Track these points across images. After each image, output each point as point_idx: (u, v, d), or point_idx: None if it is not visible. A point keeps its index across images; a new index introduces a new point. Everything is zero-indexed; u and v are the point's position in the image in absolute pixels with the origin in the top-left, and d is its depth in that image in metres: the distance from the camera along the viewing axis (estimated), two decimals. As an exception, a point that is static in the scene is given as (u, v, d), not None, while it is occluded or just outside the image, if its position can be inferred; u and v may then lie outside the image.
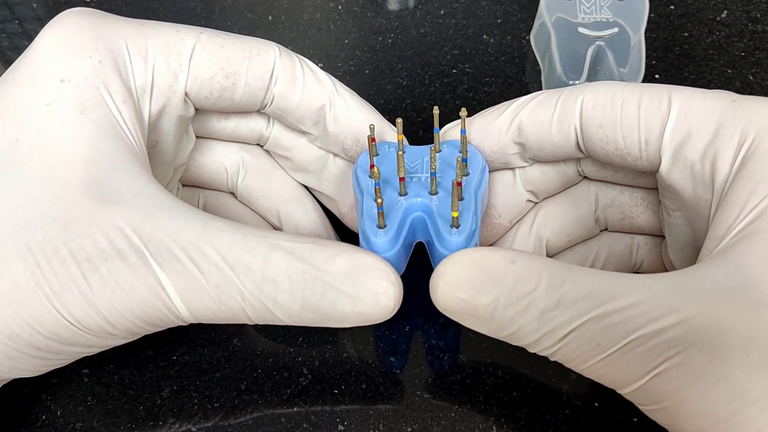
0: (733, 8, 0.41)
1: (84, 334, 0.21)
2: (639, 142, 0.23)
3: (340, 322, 0.22)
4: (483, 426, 0.27)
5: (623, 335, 0.19)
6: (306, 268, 0.21)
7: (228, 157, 0.30)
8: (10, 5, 0.43)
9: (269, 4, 0.42)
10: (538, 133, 0.25)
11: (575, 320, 0.20)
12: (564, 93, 0.25)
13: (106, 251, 0.21)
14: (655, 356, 0.19)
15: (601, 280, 0.20)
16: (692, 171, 0.23)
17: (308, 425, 0.27)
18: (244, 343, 0.29)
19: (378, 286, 0.21)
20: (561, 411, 0.27)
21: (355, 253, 0.22)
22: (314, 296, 0.21)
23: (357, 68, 0.39)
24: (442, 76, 0.38)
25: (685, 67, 0.38)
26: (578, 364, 0.20)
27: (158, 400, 0.28)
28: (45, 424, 0.27)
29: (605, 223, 0.28)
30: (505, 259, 0.21)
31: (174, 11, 0.41)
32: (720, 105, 0.22)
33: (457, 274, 0.21)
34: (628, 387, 0.20)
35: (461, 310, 0.21)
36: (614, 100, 0.24)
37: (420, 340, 0.29)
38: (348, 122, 0.26)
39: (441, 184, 0.24)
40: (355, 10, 0.42)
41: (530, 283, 0.20)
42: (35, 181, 0.21)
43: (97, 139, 0.22)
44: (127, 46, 0.24)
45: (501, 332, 0.21)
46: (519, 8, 0.41)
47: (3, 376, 0.23)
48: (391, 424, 0.27)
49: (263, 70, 0.25)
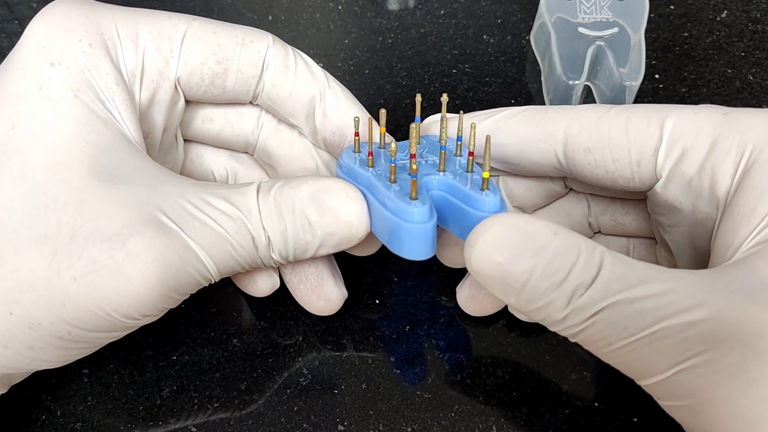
0: (733, 8, 0.41)
1: (109, 318, 0.21)
2: (630, 164, 0.23)
3: (321, 248, 0.24)
4: (483, 426, 0.27)
5: (653, 322, 0.19)
6: (278, 200, 0.23)
7: (217, 166, 0.30)
8: (10, 5, 0.43)
9: (269, 4, 0.42)
10: (518, 150, 0.25)
11: (606, 299, 0.19)
12: (547, 114, 0.25)
13: (127, 227, 0.21)
14: (684, 349, 0.19)
15: (635, 266, 0.20)
16: (689, 186, 0.23)
17: (308, 425, 0.27)
18: (244, 343, 0.29)
19: (338, 203, 0.23)
20: (561, 411, 0.27)
21: (318, 179, 0.23)
22: (292, 225, 0.23)
23: (357, 68, 0.39)
24: (442, 76, 0.38)
25: (685, 67, 0.38)
26: (602, 346, 0.20)
27: (158, 400, 0.28)
28: (45, 424, 0.27)
29: (598, 227, 0.29)
30: (547, 229, 0.20)
31: (173, 10, 0.41)
32: (713, 119, 0.23)
33: (497, 235, 0.20)
34: (651, 378, 0.20)
35: (494, 274, 0.20)
36: (600, 123, 0.24)
37: (420, 340, 0.29)
38: (337, 117, 0.26)
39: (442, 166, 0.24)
40: (355, 10, 0.42)
41: (569, 258, 0.20)
42: (38, 166, 0.22)
43: (93, 121, 0.23)
44: (118, 31, 0.24)
45: (529, 305, 0.20)
46: (519, 8, 0.41)
47: (25, 368, 0.23)
48: (391, 424, 0.27)
49: (255, 57, 0.25)
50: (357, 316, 0.30)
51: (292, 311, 0.30)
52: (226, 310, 0.30)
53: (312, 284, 0.27)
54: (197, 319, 0.30)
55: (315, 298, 0.28)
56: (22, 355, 0.22)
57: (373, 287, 0.31)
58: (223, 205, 0.22)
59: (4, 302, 0.21)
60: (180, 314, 0.30)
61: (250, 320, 0.30)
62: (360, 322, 0.30)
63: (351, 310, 0.30)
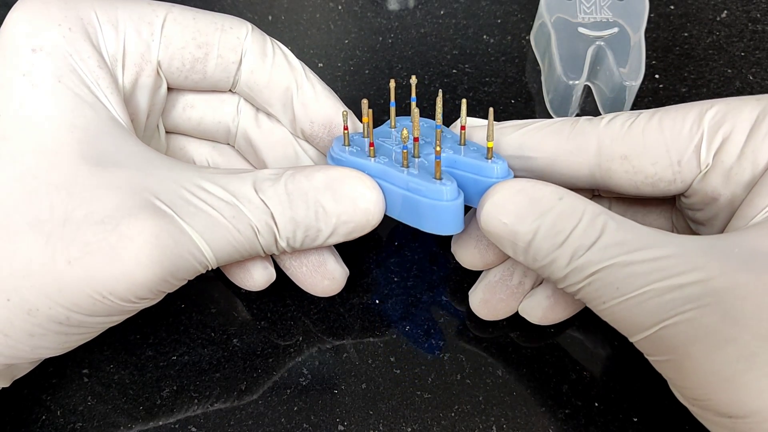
0: (733, 8, 0.41)
1: (105, 302, 0.22)
2: (671, 164, 0.23)
3: (331, 236, 0.24)
4: (483, 426, 0.27)
5: (643, 284, 0.20)
6: (290, 188, 0.23)
7: (199, 158, 0.30)
8: (10, 5, 0.43)
9: (269, 4, 0.42)
10: (548, 164, 0.25)
11: (602, 262, 0.21)
12: (577, 126, 0.25)
13: (121, 210, 0.21)
14: (668, 309, 0.20)
15: (638, 232, 0.21)
16: (729, 175, 0.23)
17: (308, 425, 0.27)
18: (244, 343, 0.29)
19: (355, 191, 0.24)
20: (561, 411, 0.27)
21: (331, 168, 0.24)
22: (304, 212, 0.23)
23: (357, 68, 0.39)
24: (442, 76, 0.38)
25: (685, 67, 0.38)
26: (597, 304, 0.22)
27: (158, 400, 0.28)
28: (45, 424, 0.27)
29: None
30: (553, 194, 0.22)
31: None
32: (747, 105, 0.23)
33: (503, 198, 0.22)
34: (638, 335, 0.21)
35: (501, 233, 0.23)
36: (633, 129, 0.24)
37: (420, 340, 0.29)
38: (317, 107, 0.27)
39: (426, 147, 0.26)
40: (355, 10, 0.42)
41: (571, 221, 0.21)
42: (26, 152, 0.22)
43: (79, 105, 0.23)
44: (97, 15, 0.24)
45: (534, 263, 0.22)
46: (519, 8, 0.41)
47: (27, 357, 0.23)
48: (391, 424, 0.27)
49: (235, 43, 0.26)
50: (357, 316, 0.30)
51: (292, 311, 0.30)
52: (226, 310, 0.30)
53: (314, 265, 0.28)
54: (197, 319, 0.30)
55: (319, 279, 0.28)
56: (22, 343, 0.22)
57: (373, 287, 0.31)
58: (219, 190, 0.23)
59: (0, 289, 0.21)
60: (180, 314, 0.30)
61: (250, 320, 0.30)
62: (360, 322, 0.30)
63: (351, 309, 0.30)
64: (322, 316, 0.30)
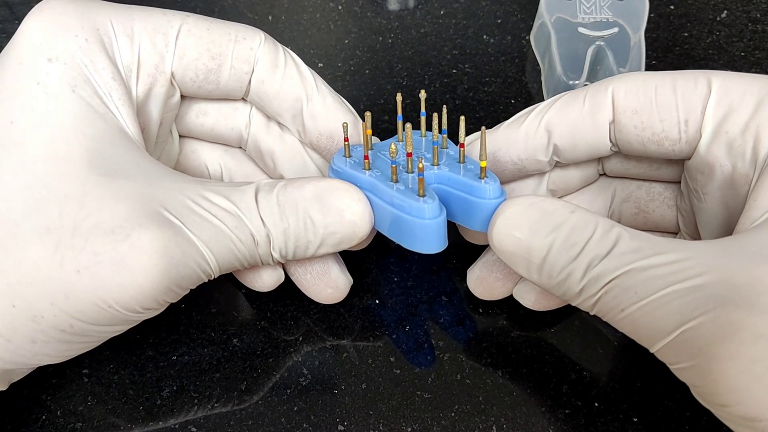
0: (733, 8, 0.41)
1: (111, 311, 0.22)
2: (678, 122, 0.24)
3: (321, 247, 0.24)
4: (483, 426, 0.27)
5: (662, 286, 0.20)
6: (281, 199, 0.23)
7: (211, 161, 0.30)
8: (10, 5, 0.43)
9: (269, 4, 0.42)
10: (571, 132, 0.25)
11: (619, 269, 0.20)
12: (590, 88, 0.25)
13: (130, 220, 0.21)
14: (691, 309, 0.19)
15: (652, 240, 0.21)
16: (732, 146, 0.23)
17: (308, 425, 0.27)
18: (244, 343, 0.29)
19: (341, 203, 0.24)
20: (561, 411, 0.27)
21: (321, 179, 0.24)
22: (294, 223, 0.23)
23: (357, 68, 0.39)
24: (442, 76, 0.38)
25: (685, 67, 0.38)
26: (616, 313, 0.21)
27: (158, 400, 0.28)
28: (45, 424, 0.27)
29: (619, 219, 0.29)
30: (565, 207, 0.22)
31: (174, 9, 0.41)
32: (759, 82, 0.23)
33: (516, 213, 0.22)
34: (660, 342, 0.20)
35: (514, 249, 0.22)
36: (646, 84, 0.24)
37: (420, 340, 0.29)
38: (326, 120, 0.27)
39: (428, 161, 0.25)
40: (355, 10, 0.42)
41: (585, 233, 0.21)
42: (37, 159, 0.22)
43: (91, 115, 0.23)
44: (113, 26, 0.24)
45: (549, 280, 0.22)
46: (519, 8, 0.41)
47: (27, 363, 0.23)
48: (391, 424, 0.27)
49: (248, 54, 0.26)
50: (357, 316, 0.30)
51: (292, 311, 0.30)
52: (226, 310, 0.30)
53: (318, 273, 0.28)
54: (197, 319, 0.30)
55: (323, 287, 0.28)
56: (24, 348, 0.22)
57: (373, 287, 0.31)
58: (222, 201, 0.23)
59: (6, 295, 0.21)
60: (180, 314, 0.30)
61: (250, 320, 0.30)
62: (360, 322, 0.30)
63: (351, 310, 0.30)
64: (322, 316, 0.30)
